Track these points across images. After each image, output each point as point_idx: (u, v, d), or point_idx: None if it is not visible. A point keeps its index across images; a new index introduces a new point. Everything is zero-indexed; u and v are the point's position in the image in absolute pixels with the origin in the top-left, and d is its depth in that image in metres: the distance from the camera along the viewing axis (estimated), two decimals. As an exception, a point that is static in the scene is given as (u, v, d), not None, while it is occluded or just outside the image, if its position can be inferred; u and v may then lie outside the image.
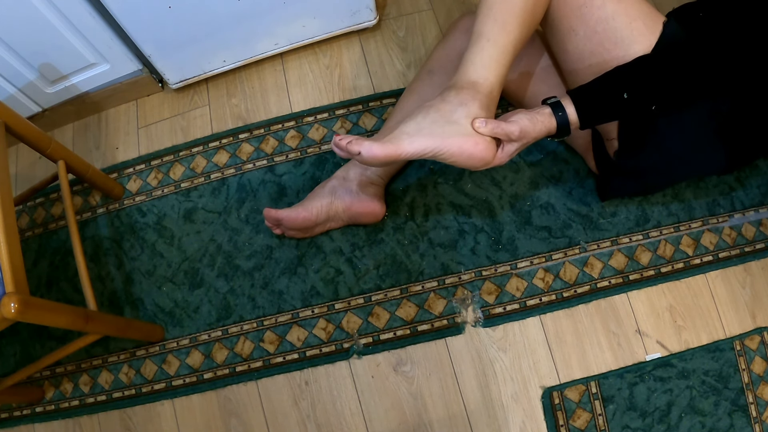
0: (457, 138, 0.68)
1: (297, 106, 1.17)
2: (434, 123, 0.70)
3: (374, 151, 0.68)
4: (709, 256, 1.01)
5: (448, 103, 0.71)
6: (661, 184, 1.00)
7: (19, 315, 0.65)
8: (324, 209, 0.96)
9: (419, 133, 0.69)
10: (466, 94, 0.70)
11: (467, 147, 0.69)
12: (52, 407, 1.01)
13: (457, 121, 0.69)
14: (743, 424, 0.92)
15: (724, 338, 0.96)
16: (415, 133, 0.70)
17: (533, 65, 0.94)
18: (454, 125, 0.69)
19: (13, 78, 1.04)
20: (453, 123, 0.69)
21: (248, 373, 0.98)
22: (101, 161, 1.17)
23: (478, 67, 0.72)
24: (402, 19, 1.24)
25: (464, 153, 0.69)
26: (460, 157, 0.69)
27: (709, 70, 0.70)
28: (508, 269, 1.00)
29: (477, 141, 0.69)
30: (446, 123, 0.69)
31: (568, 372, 0.95)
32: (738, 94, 0.75)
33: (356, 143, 0.68)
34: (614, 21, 0.75)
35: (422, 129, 0.70)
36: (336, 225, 1.01)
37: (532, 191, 1.05)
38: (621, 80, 0.71)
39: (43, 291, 1.08)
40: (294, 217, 0.95)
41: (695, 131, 0.78)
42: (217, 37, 1.07)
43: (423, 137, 0.69)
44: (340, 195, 0.95)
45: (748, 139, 0.80)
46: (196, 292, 1.04)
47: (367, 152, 0.68)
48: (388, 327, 0.98)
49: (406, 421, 0.94)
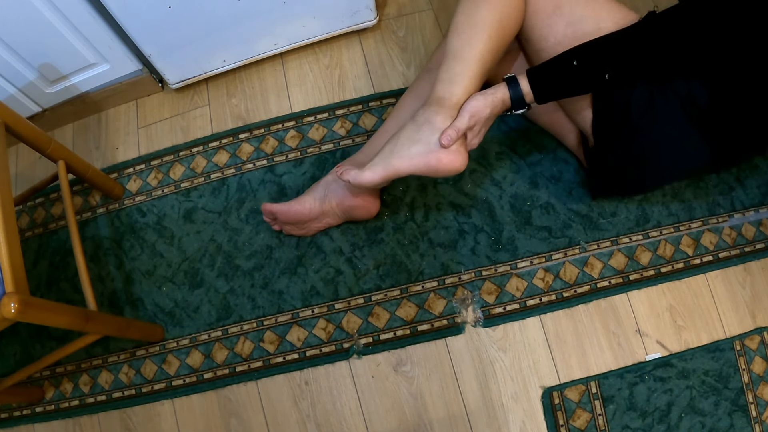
0: (422, 156, 0.75)
1: (297, 106, 1.17)
2: (403, 146, 0.77)
3: (358, 178, 0.80)
4: (709, 256, 1.01)
5: (415, 123, 0.77)
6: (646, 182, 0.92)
7: (19, 315, 0.65)
8: (317, 203, 0.96)
9: (390, 158, 0.78)
10: (432, 110, 0.76)
11: (432, 163, 0.75)
12: (52, 407, 1.01)
13: (421, 140, 0.76)
14: (743, 424, 0.92)
15: (724, 338, 0.96)
16: (387, 157, 0.78)
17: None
18: (419, 144, 0.76)
19: (13, 78, 1.04)
20: (417, 142, 0.76)
21: (248, 373, 0.98)
22: (101, 161, 1.18)
23: (445, 84, 0.77)
24: (402, 19, 1.24)
25: (431, 168, 0.76)
26: (431, 172, 0.76)
27: (664, 41, 0.71)
28: (508, 269, 1.00)
29: (440, 156, 0.75)
30: (412, 144, 0.77)
31: (568, 372, 0.95)
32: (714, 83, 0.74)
33: (345, 173, 0.82)
34: (582, 24, 0.78)
35: (393, 153, 0.78)
36: (333, 221, 1.01)
37: (532, 191, 1.05)
38: (572, 51, 0.74)
39: (43, 291, 1.08)
40: (286, 211, 0.96)
41: (670, 123, 0.77)
42: (217, 37, 1.07)
43: (396, 161, 0.77)
44: (333, 189, 0.95)
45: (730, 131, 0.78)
46: (196, 292, 1.04)
47: (350, 177, 0.81)
48: (388, 327, 0.98)
49: (406, 421, 0.94)
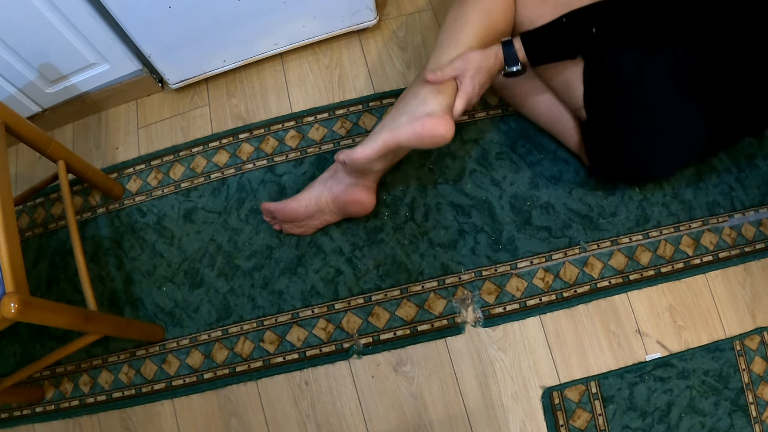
0: (408, 125, 0.78)
1: (297, 106, 1.17)
2: (392, 120, 0.81)
3: (352, 156, 0.82)
4: (709, 256, 1.01)
5: (403, 98, 0.82)
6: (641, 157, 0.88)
7: (19, 315, 0.65)
8: (313, 200, 0.96)
9: (381, 132, 0.81)
10: (418, 85, 0.81)
11: (417, 129, 0.77)
12: (52, 407, 1.01)
13: (407, 111, 0.79)
14: (743, 424, 0.92)
15: (724, 338, 0.96)
16: (378, 131, 0.81)
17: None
18: (405, 115, 0.79)
19: (13, 78, 1.04)
20: (404, 113, 0.80)
21: (248, 373, 0.98)
22: (101, 161, 1.18)
23: (433, 62, 0.83)
24: (402, 19, 1.24)
25: (416, 134, 0.77)
26: (417, 140, 0.78)
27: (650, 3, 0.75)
28: (508, 269, 1.00)
29: (424, 122, 0.77)
30: (400, 115, 0.80)
31: (568, 372, 0.95)
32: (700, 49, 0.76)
33: (340, 155, 0.85)
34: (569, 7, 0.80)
35: (384, 127, 0.81)
36: (331, 218, 1.00)
37: (532, 191, 1.05)
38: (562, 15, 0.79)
39: (43, 291, 1.08)
40: (282, 209, 0.97)
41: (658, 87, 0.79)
42: (217, 37, 1.07)
43: (382, 134, 0.80)
44: (329, 186, 0.95)
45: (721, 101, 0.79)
46: (196, 292, 1.04)
47: (345, 157, 0.83)
48: (388, 327, 0.98)
49: (406, 421, 0.94)
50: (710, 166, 1.06)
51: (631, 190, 1.04)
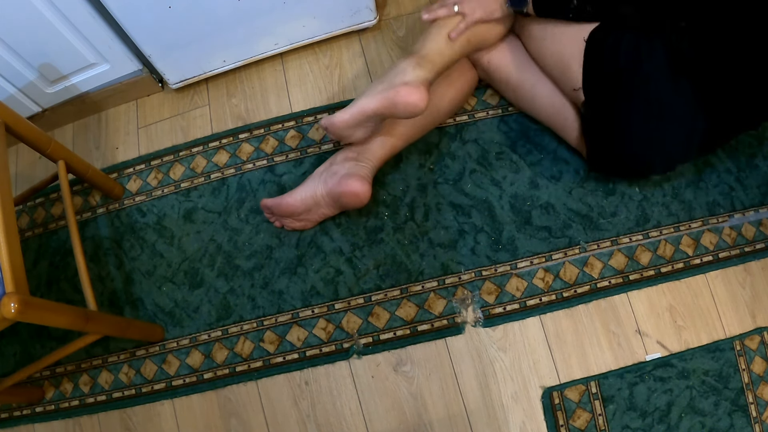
0: (383, 93, 0.82)
1: (297, 106, 1.17)
2: (371, 88, 0.85)
3: (332, 120, 0.88)
4: (709, 256, 1.01)
5: (386, 71, 0.86)
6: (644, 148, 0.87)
7: (19, 315, 0.65)
8: (309, 194, 0.97)
9: (360, 99, 0.86)
10: (401, 59, 0.85)
11: (390, 96, 0.81)
12: (52, 407, 1.01)
13: (385, 80, 0.84)
14: (743, 424, 0.92)
15: (724, 338, 0.96)
16: (358, 99, 0.86)
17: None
18: (383, 83, 0.84)
19: (13, 78, 1.04)
20: (383, 82, 0.84)
21: (248, 373, 0.98)
22: (101, 161, 1.18)
23: (419, 41, 0.89)
24: (402, 19, 1.24)
25: (390, 101, 0.81)
26: (391, 107, 0.82)
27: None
28: (508, 269, 1.00)
29: (398, 89, 0.81)
30: (379, 84, 0.85)
31: (568, 372, 0.95)
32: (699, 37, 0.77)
33: (323, 120, 0.91)
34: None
35: (365, 94, 0.86)
36: (328, 212, 1.00)
37: (532, 191, 1.05)
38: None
39: (43, 291, 1.08)
40: (279, 203, 0.98)
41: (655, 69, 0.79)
42: (217, 37, 1.07)
43: (363, 100, 0.85)
44: (324, 179, 0.96)
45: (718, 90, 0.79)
46: (196, 292, 1.04)
47: (326, 122, 0.90)
48: (388, 327, 0.98)
49: (406, 421, 0.94)
50: (710, 166, 1.06)
51: (631, 190, 1.04)
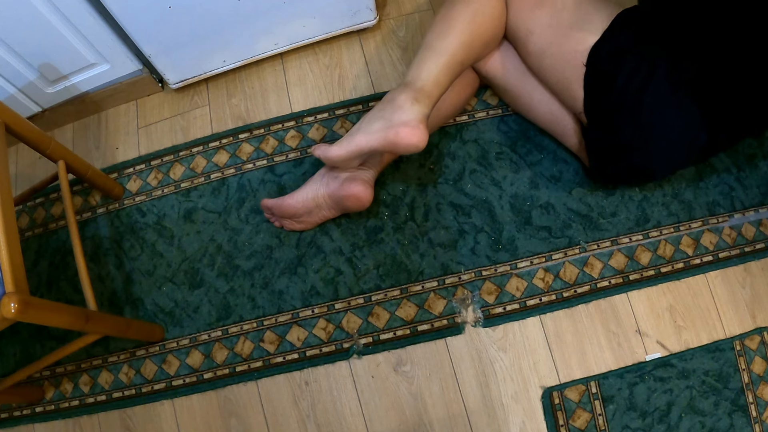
0: (382, 132, 0.78)
1: (297, 106, 1.17)
2: (368, 123, 0.81)
3: (327, 153, 0.84)
4: (709, 256, 1.01)
5: (382, 102, 0.82)
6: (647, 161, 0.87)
7: (19, 315, 0.65)
8: (310, 196, 0.96)
9: (356, 134, 0.82)
10: (397, 91, 0.81)
11: (390, 137, 0.78)
12: (52, 407, 1.01)
13: (383, 117, 0.80)
14: (743, 424, 0.92)
15: (724, 338, 0.96)
16: (354, 133, 0.82)
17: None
18: (381, 120, 0.80)
19: (13, 78, 1.04)
20: (380, 119, 0.80)
21: (248, 373, 0.98)
22: (101, 161, 1.18)
23: (414, 69, 0.83)
24: (402, 19, 1.24)
25: (390, 142, 0.78)
26: (391, 147, 0.79)
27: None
28: (508, 269, 1.00)
29: (398, 131, 0.77)
30: (376, 120, 0.80)
31: (568, 372, 0.95)
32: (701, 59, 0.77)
33: (316, 149, 0.87)
34: (565, 12, 0.82)
35: (359, 130, 0.82)
36: (329, 213, 1.00)
37: (532, 191, 1.05)
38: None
39: (43, 291, 1.08)
40: (279, 205, 0.98)
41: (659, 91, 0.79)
42: (217, 37, 1.07)
43: (359, 137, 0.81)
44: (326, 181, 0.95)
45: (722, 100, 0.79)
46: (196, 292, 1.04)
47: (320, 153, 0.86)
48: (388, 327, 0.98)
49: (406, 421, 0.94)
50: (710, 166, 1.06)
51: (631, 190, 1.04)
